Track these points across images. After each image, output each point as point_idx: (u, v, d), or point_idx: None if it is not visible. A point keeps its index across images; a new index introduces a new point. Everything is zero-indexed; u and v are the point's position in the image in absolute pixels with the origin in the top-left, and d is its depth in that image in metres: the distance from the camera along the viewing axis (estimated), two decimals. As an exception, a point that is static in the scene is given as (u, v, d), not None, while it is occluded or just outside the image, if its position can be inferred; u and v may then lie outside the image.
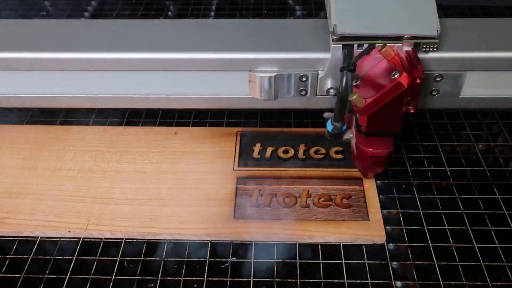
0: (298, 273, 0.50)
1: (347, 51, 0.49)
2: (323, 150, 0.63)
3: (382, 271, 0.51)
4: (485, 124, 0.68)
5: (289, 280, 0.50)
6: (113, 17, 0.92)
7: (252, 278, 0.50)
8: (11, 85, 0.56)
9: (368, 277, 0.50)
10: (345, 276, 0.50)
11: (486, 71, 0.52)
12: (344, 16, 0.49)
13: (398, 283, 0.50)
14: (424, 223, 0.55)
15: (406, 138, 0.66)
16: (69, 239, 0.54)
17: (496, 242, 0.53)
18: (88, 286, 0.50)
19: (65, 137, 0.66)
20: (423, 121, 0.69)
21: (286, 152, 0.63)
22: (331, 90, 0.53)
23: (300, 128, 0.67)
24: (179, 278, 0.50)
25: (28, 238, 0.55)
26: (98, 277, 0.51)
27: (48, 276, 0.51)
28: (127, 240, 0.54)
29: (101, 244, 0.54)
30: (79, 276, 0.51)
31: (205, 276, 0.50)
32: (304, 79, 0.53)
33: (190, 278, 0.50)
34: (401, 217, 0.56)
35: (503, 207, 0.57)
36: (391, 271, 0.50)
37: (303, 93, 0.54)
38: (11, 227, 0.55)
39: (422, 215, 0.56)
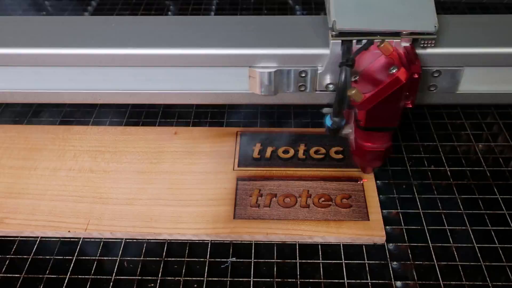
0: (298, 273, 0.50)
1: (346, 46, 0.49)
2: (323, 150, 0.63)
3: (382, 271, 0.51)
4: (485, 124, 0.68)
5: (289, 280, 0.50)
6: (113, 17, 0.93)
7: (252, 278, 0.50)
8: (14, 81, 0.56)
9: (368, 277, 0.50)
10: (345, 276, 0.50)
11: (484, 66, 0.53)
12: (343, 12, 0.49)
13: (398, 283, 0.50)
14: (424, 223, 0.55)
15: (406, 138, 0.66)
16: (69, 239, 0.54)
17: (496, 242, 0.53)
18: (88, 286, 0.50)
19: (65, 137, 0.66)
20: (423, 121, 0.69)
21: (286, 152, 0.63)
22: (330, 86, 0.53)
23: (300, 128, 0.67)
24: (179, 278, 0.50)
25: (28, 238, 0.55)
26: (98, 277, 0.51)
27: (48, 276, 0.51)
28: (127, 240, 0.54)
29: (101, 244, 0.54)
30: (79, 276, 0.51)
31: (205, 276, 0.50)
32: (303, 75, 0.53)
33: (190, 278, 0.50)
34: (401, 217, 0.56)
35: (503, 207, 0.56)
36: (391, 271, 0.50)
37: (303, 88, 0.54)
38: (11, 227, 0.55)
39: (422, 215, 0.56)
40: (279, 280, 0.50)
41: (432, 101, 0.56)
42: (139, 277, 0.51)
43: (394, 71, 0.45)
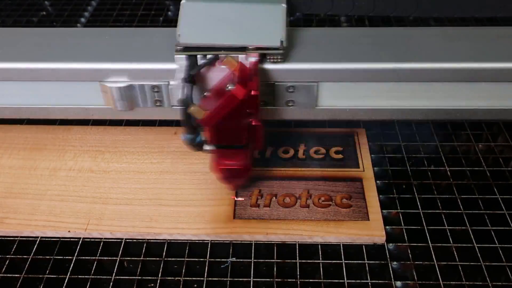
0: (298, 273, 0.50)
1: (191, 61, 0.48)
2: (323, 150, 0.63)
3: (382, 271, 0.51)
4: (485, 124, 0.68)
5: (289, 280, 0.50)
6: (113, 17, 0.92)
7: (252, 278, 0.50)
8: (4, 96, 0.56)
9: (368, 277, 0.50)
10: (345, 276, 0.50)
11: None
12: (189, 26, 0.49)
13: (398, 283, 0.50)
14: (424, 223, 0.55)
15: (406, 138, 0.66)
16: (69, 239, 0.54)
17: (496, 242, 0.53)
18: (88, 286, 0.50)
19: (65, 137, 0.66)
20: (423, 121, 0.69)
21: (286, 152, 0.63)
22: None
23: (300, 128, 0.67)
24: (179, 278, 0.50)
25: (28, 238, 0.55)
26: (98, 277, 0.51)
27: (48, 276, 0.51)
28: (127, 240, 0.54)
29: (101, 244, 0.54)
30: (79, 276, 0.51)
31: (205, 276, 0.50)
32: (156, 90, 0.52)
33: (190, 278, 0.50)
34: (401, 217, 0.56)
35: (503, 207, 0.56)
36: (391, 271, 0.50)
37: (158, 103, 0.53)
38: (11, 227, 0.55)
39: (422, 215, 0.56)
40: (279, 280, 0.50)
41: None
42: (139, 277, 0.51)
43: (230, 88, 0.45)
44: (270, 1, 0.50)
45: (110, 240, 0.54)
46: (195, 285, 0.50)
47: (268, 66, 0.50)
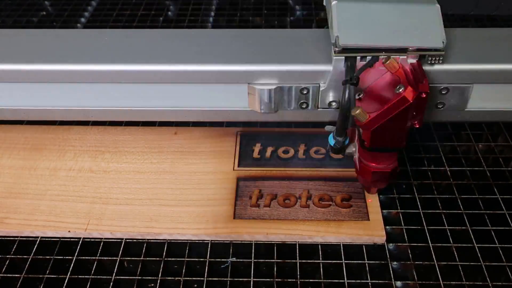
0: (298, 273, 0.50)
1: (350, 63, 0.47)
2: (323, 150, 0.63)
3: (382, 271, 0.51)
4: (485, 124, 0.68)
5: (289, 280, 0.50)
6: (113, 17, 0.92)
7: (252, 278, 0.50)
8: (3, 97, 0.56)
9: (368, 277, 0.50)
10: (345, 276, 0.50)
11: (493, 83, 0.51)
12: (347, 27, 0.47)
13: (398, 283, 0.50)
14: (424, 223, 0.55)
15: (406, 138, 0.66)
16: (69, 239, 0.54)
17: (496, 242, 0.53)
18: (88, 286, 0.50)
19: (65, 137, 0.66)
20: (423, 121, 0.69)
21: (286, 152, 0.63)
22: (333, 103, 0.51)
23: (300, 128, 0.67)
24: (179, 278, 0.50)
25: (28, 238, 0.55)
26: (98, 277, 0.51)
27: (48, 276, 0.51)
28: (127, 240, 0.54)
29: (101, 244, 0.54)
30: (79, 276, 0.51)
31: (205, 276, 0.50)
32: (305, 92, 0.51)
33: (190, 278, 0.50)
34: (401, 217, 0.56)
35: (503, 207, 0.57)
36: (391, 271, 0.50)
37: (304, 106, 0.52)
38: (11, 227, 0.55)
39: (422, 215, 0.56)
40: (279, 280, 0.50)
41: (440, 119, 0.54)
42: (139, 277, 0.51)
43: (401, 90, 0.43)
44: (423, 2, 0.49)
45: (110, 240, 0.54)
46: (195, 285, 0.50)
47: (426, 67, 0.48)
